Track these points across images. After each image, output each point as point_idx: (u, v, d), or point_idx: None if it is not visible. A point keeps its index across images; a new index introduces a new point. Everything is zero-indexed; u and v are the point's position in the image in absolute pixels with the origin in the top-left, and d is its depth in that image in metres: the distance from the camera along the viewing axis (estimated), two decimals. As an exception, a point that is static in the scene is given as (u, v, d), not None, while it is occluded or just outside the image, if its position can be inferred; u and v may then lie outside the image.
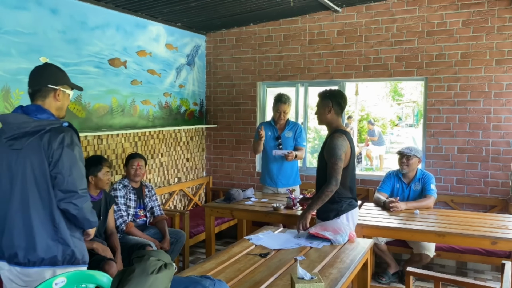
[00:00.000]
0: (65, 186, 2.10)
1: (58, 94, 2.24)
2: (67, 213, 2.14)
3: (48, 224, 2.12)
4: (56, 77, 2.25)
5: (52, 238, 2.12)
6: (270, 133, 4.41)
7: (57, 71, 2.29)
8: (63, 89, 2.26)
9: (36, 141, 2.10)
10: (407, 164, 4.12)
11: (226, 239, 5.40)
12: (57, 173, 2.09)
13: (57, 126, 2.13)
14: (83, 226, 2.23)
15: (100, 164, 3.42)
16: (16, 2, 3.39)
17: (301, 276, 2.05)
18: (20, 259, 2.10)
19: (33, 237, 2.10)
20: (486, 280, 4.22)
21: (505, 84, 4.48)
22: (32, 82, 2.23)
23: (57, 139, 2.10)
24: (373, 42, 4.95)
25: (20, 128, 2.10)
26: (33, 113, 2.14)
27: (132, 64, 4.59)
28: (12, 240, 2.12)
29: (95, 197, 3.44)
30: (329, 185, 2.99)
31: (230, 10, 4.81)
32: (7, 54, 3.34)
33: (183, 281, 1.76)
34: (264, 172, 4.52)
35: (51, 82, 2.21)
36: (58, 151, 2.09)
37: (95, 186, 3.42)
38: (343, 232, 2.89)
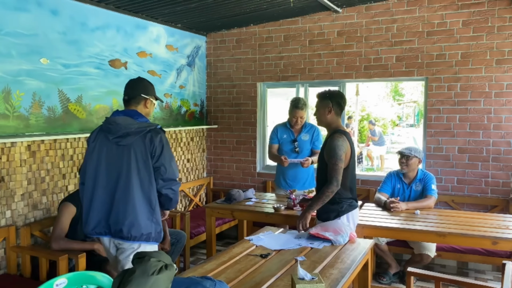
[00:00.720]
0: (166, 175, 2.60)
1: (147, 103, 2.74)
2: (164, 197, 2.64)
3: (147, 207, 2.59)
4: (147, 89, 2.75)
5: (148, 218, 2.59)
6: (286, 136, 4.37)
7: (148, 84, 2.79)
8: (151, 99, 2.76)
9: (140, 139, 2.58)
10: (407, 164, 4.12)
11: (227, 239, 5.40)
12: (160, 165, 2.58)
13: (154, 127, 2.61)
14: (171, 207, 2.74)
15: None
16: (17, 4, 3.40)
17: (302, 277, 2.05)
18: (124, 234, 2.56)
19: (136, 217, 2.56)
20: (487, 280, 4.22)
21: (506, 84, 4.48)
22: (128, 91, 2.73)
23: (157, 138, 2.59)
24: (374, 43, 4.95)
25: (127, 128, 2.57)
26: (135, 116, 2.65)
27: (132, 65, 4.59)
28: (118, 219, 2.57)
29: None
30: (329, 185, 2.99)
31: (230, 11, 4.82)
32: (7, 56, 3.34)
33: (183, 282, 1.76)
34: (279, 174, 4.46)
35: (143, 92, 2.72)
36: (159, 148, 2.58)
37: None
38: (344, 233, 2.89)
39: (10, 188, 3.41)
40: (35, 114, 3.58)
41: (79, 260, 3.10)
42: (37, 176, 3.62)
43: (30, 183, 3.57)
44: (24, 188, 3.52)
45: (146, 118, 2.72)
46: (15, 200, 3.46)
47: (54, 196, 3.77)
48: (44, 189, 3.69)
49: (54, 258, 3.12)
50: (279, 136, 4.42)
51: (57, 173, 3.80)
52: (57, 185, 3.81)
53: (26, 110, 3.50)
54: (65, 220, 3.24)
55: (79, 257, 3.11)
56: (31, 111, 3.54)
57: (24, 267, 3.39)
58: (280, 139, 4.40)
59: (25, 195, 3.54)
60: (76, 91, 3.94)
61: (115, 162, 2.62)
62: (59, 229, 3.22)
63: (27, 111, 3.50)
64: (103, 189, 2.64)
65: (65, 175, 3.87)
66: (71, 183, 3.90)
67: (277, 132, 4.45)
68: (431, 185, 4.07)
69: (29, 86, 3.51)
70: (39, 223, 3.59)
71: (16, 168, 3.45)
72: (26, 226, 3.45)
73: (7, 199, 3.40)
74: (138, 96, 2.71)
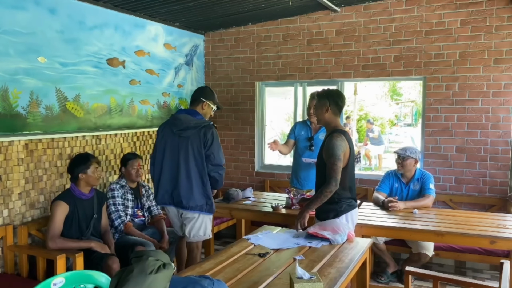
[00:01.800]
0: (215, 161, 3.38)
1: (204, 105, 3.51)
2: (212, 178, 3.41)
3: (200, 185, 3.39)
4: (206, 94, 3.54)
5: (201, 193, 3.40)
6: (303, 133, 4.37)
7: (208, 90, 3.62)
8: (209, 103, 3.51)
9: (197, 133, 3.35)
10: (402, 164, 4.13)
11: (225, 239, 5.40)
12: (210, 153, 3.35)
13: (207, 124, 3.39)
14: (218, 187, 3.52)
15: (89, 161, 3.43)
16: (14, 2, 3.39)
17: (300, 276, 2.05)
18: (183, 204, 3.40)
19: (192, 192, 3.37)
20: (484, 279, 4.22)
21: (504, 84, 4.48)
22: (193, 94, 3.59)
23: (209, 132, 3.35)
24: (372, 42, 4.95)
25: (187, 123, 3.39)
26: (194, 115, 3.46)
27: (130, 64, 4.58)
28: (179, 193, 3.39)
29: (87, 194, 3.45)
30: (328, 185, 2.98)
31: (228, 10, 4.81)
32: (5, 54, 3.33)
33: (182, 281, 1.76)
34: (293, 173, 4.46)
35: (202, 96, 3.51)
36: (210, 139, 3.35)
37: (85, 183, 3.43)
38: (342, 232, 2.89)
39: (7, 187, 3.40)
40: (33, 113, 3.56)
41: (77, 260, 3.10)
42: (34, 175, 3.61)
43: (27, 182, 3.56)
44: (21, 187, 3.51)
45: (203, 117, 3.48)
46: (12, 199, 3.45)
47: (52, 195, 3.76)
48: (41, 188, 3.68)
49: (52, 257, 3.11)
50: (296, 133, 4.41)
51: (54, 172, 3.78)
52: (55, 184, 3.80)
53: (23, 109, 3.48)
54: (59, 219, 3.27)
55: (77, 256, 3.10)
56: (29, 109, 3.53)
57: (21, 266, 3.38)
58: (298, 136, 4.39)
59: (22, 194, 3.52)
60: (74, 90, 3.93)
61: (177, 150, 3.40)
62: (54, 228, 3.24)
63: (24, 109, 3.49)
64: (168, 170, 3.44)
65: (63, 174, 3.86)
66: (68, 182, 3.88)
67: (295, 128, 4.45)
68: (429, 184, 4.07)
69: (27, 84, 3.50)
70: (36, 222, 3.58)
71: (13, 167, 3.44)
72: (23, 225, 3.44)
73: (5, 198, 3.39)
74: (198, 99, 3.49)
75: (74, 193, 3.40)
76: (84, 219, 3.41)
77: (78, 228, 3.38)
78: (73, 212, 3.35)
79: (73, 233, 3.36)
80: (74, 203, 3.36)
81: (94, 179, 3.45)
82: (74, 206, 3.36)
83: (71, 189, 3.43)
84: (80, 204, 3.40)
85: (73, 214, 3.35)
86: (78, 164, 3.40)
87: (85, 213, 3.42)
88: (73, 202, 3.36)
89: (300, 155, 4.33)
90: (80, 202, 3.40)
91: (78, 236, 3.37)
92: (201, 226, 3.47)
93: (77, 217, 3.37)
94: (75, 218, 3.36)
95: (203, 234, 3.50)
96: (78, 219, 3.38)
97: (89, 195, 3.47)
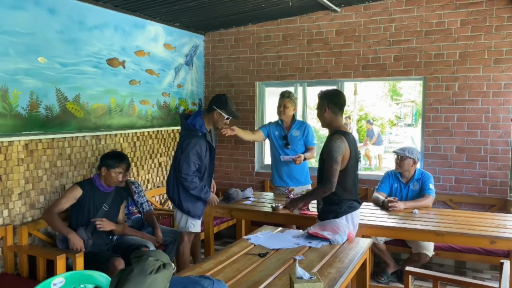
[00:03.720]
0: (179, 170, 3.55)
1: (215, 113, 3.59)
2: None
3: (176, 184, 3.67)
4: (219, 103, 3.59)
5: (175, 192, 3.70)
6: (277, 133, 4.41)
7: (222, 99, 3.61)
8: (220, 111, 3.58)
9: (180, 138, 3.68)
10: (400, 164, 4.13)
11: (225, 239, 5.40)
12: (178, 162, 3.55)
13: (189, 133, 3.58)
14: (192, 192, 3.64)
15: (119, 163, 3.48)
16: (14, 2, 3.38)
17: (300, 276, 2.05)
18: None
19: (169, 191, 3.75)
20: (484, 279, 4.22)
21: (503, 84, 4.48)
22: (211, 101, 3.65)
23: (186, 141, 3.55)
24: (372, 42, 4.95)
25: (182, 127, 3.68)
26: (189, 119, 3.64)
27: (130, 64, 4.58)
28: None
29: (105, 187, 3.50)
30: (323, 186, 2.99)
31: (228, 10, 4.81)
32: (5, 54, 3.32)
33: (181, 281, 1.76)
34: (274, 172, 4.48)
35: (215, 104, 3.59)
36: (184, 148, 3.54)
37: (104, 179, 3.49)
38: (342, 232, 2.89)
39: (7, 187, 3.40)
40: (33, 113, 3.56)
41: (77, 260, 3.10)
42: (34, 175, 3.61)
43: (27, 182, 3.56)
44: (21, 187, 3.51)
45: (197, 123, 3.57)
46: (12, 199, 3.45)
47: (52, 195, 3.76)
48: (41, 188, 3.68)
49: (52, 258, 3.11)
50: (270, 132, 4.44)
51: (54, 172, 3.78)
52: (55, 184, 3.80)
53: (23, 109, 3.48)
54: (67, 199, 3.35)
55: (77, 256, 3.10)
56: (29, 110, 3.53)
57: (21, 266, 3.38)
58: (272, 135, 4.42)
59: (22, 194, 3.52)
60: (73, 90, 3.93)
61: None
62: (57, 203, 3.34)
63: (24, 110, 3.49)
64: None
65: (63, 174, 3.86)
66: (68, 182, 3.89)
67: (269, 127, 4.49)
68: (429, 184, 4.07)
69: (27, 85, 3.50)
70: (36, 222, 3.58)
71: (13, 167, 3.44)
72: (23, 225, 3.44)
73: (5, 198, 3.39)
74: (211, 106, 3.61)
75: (94, 182, 3.48)
76: (93, 209, 3.43)
77: (87, 215, 3.41)
78: (84, 199, 3.40)
79: (80, 219, 3.41)
80: (89, 190, 3.42)
81: (112, 181, 3.48)
82: (88, 193, 3.41)
83: (93, 177, 3.52)
84: (96, 193, 3.45)
85: (84, 201, 3.40)
86: (108, 159, 3.48)
87: (95, 204, 3.44)
88: (89, 189, 3.42)
89: (277, 154, 4.37)
90: (96, 192, 3.45)
91: (84, 222, 3.40)
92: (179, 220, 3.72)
93: (88, 205, 3.41)
94: (86, 205, 3.41)
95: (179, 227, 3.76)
96: (88, 207, 3.41)
97: (108, 189, 3.52)
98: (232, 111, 3.64)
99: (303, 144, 4.38)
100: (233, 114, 3.64)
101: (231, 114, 3.63)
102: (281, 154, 4.34)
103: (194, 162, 3.52)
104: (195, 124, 3.56)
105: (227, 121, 3.66)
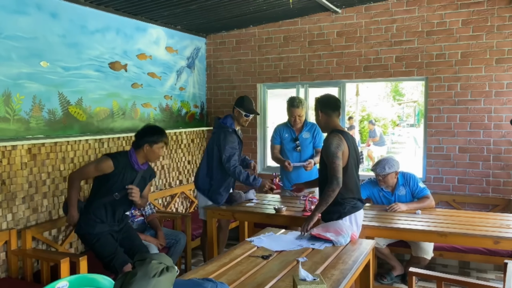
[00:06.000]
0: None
1: (235, 112, 3.99)
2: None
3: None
4: (237, 102, 4.00)
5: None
6: (287, 135, 4.39)
7: (240, 99, 4.02)
8: (239, 109, 3.96)
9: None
10: (384, 181, 4.00)
11: (228, 241, 5.38)
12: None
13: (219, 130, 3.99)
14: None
15: (162, 137, 3.26)
16: (16, 7, 3.40)
17: (303, 278, 2.05)
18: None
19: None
20: (489, 279, 4.21)
21: (506, 83, 4.48)
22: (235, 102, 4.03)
23: (220, 136, 3.94)
24: (373, 43, 4.95)
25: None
26: (221, 119, 4.06)
27: (132, 67, 4.60)
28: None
29: (140, 166, 3.28)
30: (330, 185, 2.99)
31: (230, 12, 4.82)
32: (7, 59, 3.34)
33: (185, 283, 1.76)
34: (283, 175, 4.45)
35: (235, 104, 4.02)
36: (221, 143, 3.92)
37: (144, 156, 3.26)
38: (345, 233, 2.89)
39: (11, 191, 3.41)
40: (36, 117, 3.58)
41: (80, 263, 3.10)
42: (38, 179, 3.63)
43: (31, 186, 3.57)
44: (25, 191, 3.52)
45: (227, 122, 3.96)
46: (16, 203, 3.46)
47: (55, 199, 3.77)
48: (45, 192, 3.69)
49: (56, 261, 3.11)
50: (281, 136, 4.42)
51: (58, 176, 3.80)
52: (58, 188, 3.81)
53: (26, 113, 3.50)
54: (95, 171, 3.18)
55: (81, 259, 3.11)
56: (32, 114, 3.54)
57: (25, 270, 3.39)
58: (282, 139, 4.40)
59: (26, 198, 3.54)
60: (76, 94, 3.94)
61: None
62: (85, 170, 3.22)
63: (27, 114, 3.51)
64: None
65: (66, 178, 3.87)
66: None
67: (279, 132, 4.45)
68: (418, 185, 3.99)
69: (29, 89, 3.51)
70: (40, 226, 3.59)
71: (17, 171, 3.45)
72: (27, 229, 3.45)
73: (8, 202, 3.40)
74: (233, 106, 4.00)
75: (130, 158, 3.23)
76: (121, 186, 3.22)
77: (112, 190, 3.21)
78: (116, 174, 3.18)
79: (104, 192, 3.22)
80: (123, 167, 3.19)
81: (155, 157, 3.27)
82: (120, 169, 3.18)
83: (128, 153, 3.25)
84: (127, 172, 3.22)
85: (117, 176, 3.19)
86: (151, 135, 3.23)
87: (124, 182, 3.22)
88: (123, 166, 3.19)
89: (287, 158, 4.32)
90: (129, 169, 3.23)
91: (108, 196, 3.22)
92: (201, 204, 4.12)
93: (118, 181, 3.20)
94: (115, 180, 3.19)
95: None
96: (116, 183, 3.20)
97: (142, 167, 3.30)
98: (249, 109, 3.95)
99: (312, 147, 4.35)
100: (250, 111, 3.96)
101: (249, 111, 3.95)
102: (290, 157, 4.30)
103: (234, 151, 3.86)
104: (226, 122, 3.96)
105: (247, 118, 3.98)
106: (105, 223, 3.25)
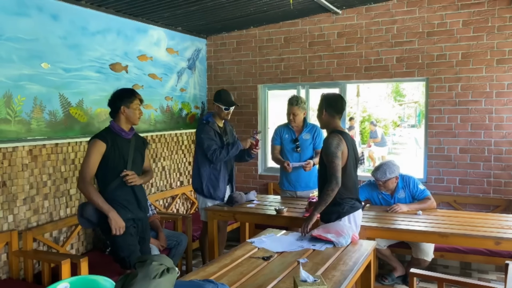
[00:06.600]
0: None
1: (216, 107, 3.99)
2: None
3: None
4: (215, 96, 4.02)
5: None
6: (287, 136, 4.38)
7: (216, 93, 4.04)
8: (218, 104, 3.96)
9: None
10: (384, 186, 4.00)
11: (229, 242, 5.38)
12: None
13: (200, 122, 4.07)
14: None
15: (133, 95, 3.11)
16: (17, 9, 3.41)
17: (304, 279, 2.05)
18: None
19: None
20: (490, 280, 4.20)
21: (506, 84, 4.47)
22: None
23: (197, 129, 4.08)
24: (374, 44, 4.95)
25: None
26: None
27: (133, 68, 4.60)
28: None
29: (127, 132, 3.10)
30: (329, 184, 2.99)
31: (230, 14, 4.82)
32: (8, 61, 3.35)
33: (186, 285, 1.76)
34: (282, 176, 4.44)
35: (214, 100, 4.02)
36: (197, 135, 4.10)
37: (126, 120, 3.08)
38: (346, 234, 2.89)
39: (12, 193, 3.42)
40: (37, 119, 3.58)
41: (81, 264, 3.11)
42: (39, 180, 3.63)
43: (32, 187, 3.58)
44: (26, 193, 3.53)
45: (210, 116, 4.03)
46: (17, 204, 3.46)
47: (56, 200, 3.77)
48: (46, 193, 3.70)
49: (57, 263, 3.12)
50: (281, 137, 4.42)
51: (58, 177, 3.80)
52: (59, 189, 3.81)
53: (27, 115, 3.50)
54: (94, 160, 2.95)
55: (81, 261, 3.11)
56: (32, 115, 3.55)
57: (26, 271, 3.39)
58: (282, 139, 4.40)
59: (27, 200, 3.54)
60: (77, 95, 3.95)
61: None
62: (87, 170, 2.94)
63: (28, 115, 3.51)
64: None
65: (67, 179, 3.87)
66: (73, 187, 3.91)
67: (279, 132, 4.45)
68: (418, 187, 3.99)
69: (30, 90, 3.52)
70: (41, 227, 3.60)
71: (18, 172, 3.45)
72: (28, 231, 3.45)
73: (9, 204, 3.40)
74: (214, 101, 4.01)
75: (113, 129, 3.06)
76: (122, 161, 3.04)
77: (116, 169, 3.01)
78: (111, 150, 2.99)
79: (111, 173, 3.01)
80: (113, 140, 3.01)
81: (135, 117, 3.09)
82: (112, 143, 3.00)
83: (110, 126, 3.09)
84: (119, 142, 3.04)
85: (113, 152, 3.00)
86: (122, 97, 3.07)
87: (122, 153, 3.04)
88: (112, 139, 3.01)
89: (287, 159, 4.31)
90: (119, 140, 3.05)
91: (117, 179, 3.02)
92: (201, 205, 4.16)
93: (113, 157, 3.00)
94: (111, 157, 2.99)
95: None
96: (115, 160, 3.01)
97: (130, 133, 3.13)
98: (228, 101, 3.96)
99: (312, 148, 4.35)
100: (229, 103, 3.96)
101: (228, 104, 3.95)
102: (289, 158, 4.30)
103: (212, 142, 3.89)
104: (203, 118, 4.09)
105: (228, 111, 3.98)
106: (126, 209, 3.04)
